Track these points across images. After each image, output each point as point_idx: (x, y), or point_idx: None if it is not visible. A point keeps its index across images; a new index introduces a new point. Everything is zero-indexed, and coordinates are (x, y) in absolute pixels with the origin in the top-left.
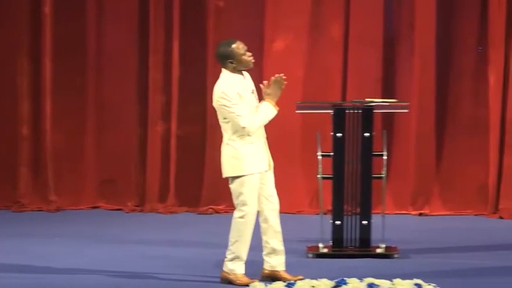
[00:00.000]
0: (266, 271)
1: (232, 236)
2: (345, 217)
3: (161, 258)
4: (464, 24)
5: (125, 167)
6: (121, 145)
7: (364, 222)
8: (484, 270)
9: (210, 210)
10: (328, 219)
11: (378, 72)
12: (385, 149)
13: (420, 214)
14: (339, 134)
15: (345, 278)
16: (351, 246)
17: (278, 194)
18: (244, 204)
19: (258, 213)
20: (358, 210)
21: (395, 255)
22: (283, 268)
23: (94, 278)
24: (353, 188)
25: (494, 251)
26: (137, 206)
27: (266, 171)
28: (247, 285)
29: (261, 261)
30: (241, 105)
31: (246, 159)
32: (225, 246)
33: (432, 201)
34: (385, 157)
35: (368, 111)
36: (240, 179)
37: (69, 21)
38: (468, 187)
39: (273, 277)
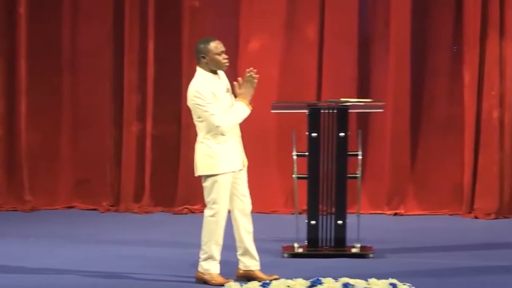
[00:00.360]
0: (241, 271)
1: (204, 236)
2: (320, 217)
3: (137, 258)
4: (439, 24)
5: (100, 167)
6: (96, 145)
7: (339, 222)
8: (459, 270)
9: (186, 210)
10: (304, 219)
11: (353, 72)
12: (360, 149)
13: (395, 214)
14: (314, 134)
15: (320, 278)
16: (326, 246)
17: (253, 193)
18: (215, 203)
19: (230, 213)
20: (333, 210)
21: (371, 255)
22: (258, 268)
23: (69, 278)
24: (328, 188)
25: (469, 251)
26: (112, 205)
27: (240, 170)
28: (223, 285)
29: (236, 261)
30: (215, 104)
31: (220, 158)
32: (200, 246)
33: (407, 201)
34: (360, 157)
35: (343, 111)
36: (213, 177)
37: (44, 21)
38: (443, 187)
39: (248, 277)
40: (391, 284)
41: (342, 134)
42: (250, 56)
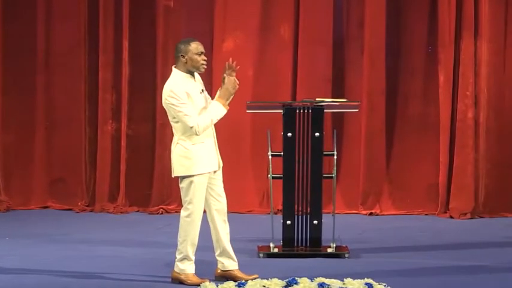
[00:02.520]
0: (219, 271)
1: (180, 236)
2: (296, 217)
3: (112, 258)
4: (414, 24)
5: (74, 167)
6: (71, 145)
7: (315, 221)
8: (434, 270)
9: (161, 210)
10: (279, 219)
11: (327, 72)
12: (335, 149)
13: (370, 214)
14: (289, 134)
15: (296, 278)
16: (301, 246)
17: (228, 193)
18: (190, 203)
19: (206, 213)
20: (309, 209)
21: (346, 255)
22: (237, 267)
23: (43, 277)
24: (304, 188)
25: (445, 250)
26: (87, 205)
27: (215, 171)
28: (198, 285)
29: (213, 261)
30: (189, 104)
31: (196, 159)
32: (175, 246)
33: (382, 201)
34: (335, 157)
35: (318, 110)
36: (189, 178)
37: (18, 20)
38: (418, 187)
39: (227, 277)
40: (366, 283)
41: (317, 134)
42: (225, 55)
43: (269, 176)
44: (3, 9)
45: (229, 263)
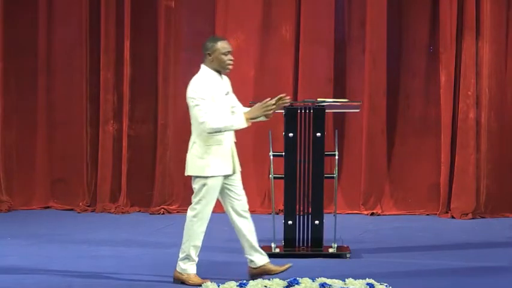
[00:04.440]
0: (253, 269)
1: (184, 235)
2: (297, 217)
3: (113, 258)
4: (415, 25)
5: (76, 167)
6: (72, 145)
7: (316, 222)
8: (436, 270)
9: (162, 210)
10: (280, 219)
11: (329, 72)
12: (336, 149)
13: (372, 214)
14: (290, 134)
15: (297, 278)
16: (303, 246)
17: None
18: (198, 204)
19: (229, 214)
20: (310, 209)
21: (347, 255)
22: (268, 260)
23: (44, 277)
24: (305, 188)
25: (446, 251)
26: (89, 206)
27: (230, 176)
28: (200, 285)
29: (214, 261)
30: (208, 101)
31: (210, 160)
32: (177, 246)
33: (384, 201)
34: (336, 157)
35: (320, 111)
36: (202, 179)
37: (20, 20)
38: (420, 187)
39: (261, 273)
40: (368, 283)
41: (318, 134)
42: None
43: (270, 176)
44: (5, 9)
45: (259, 259)
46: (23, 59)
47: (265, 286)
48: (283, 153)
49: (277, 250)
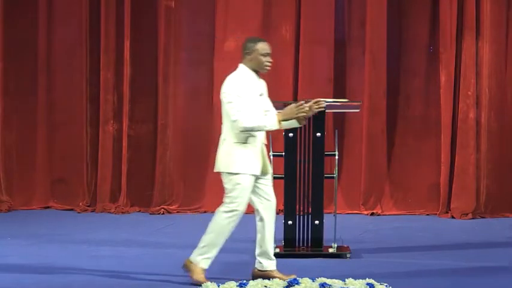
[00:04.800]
0: (257, 271)
1: (210, 227)
2: (297, 217)
3: (113, 258)
4: (415, 25)
5: (76, 167)
6: (72, 145)
7: (316, 222)
8: (436, 270)
9: (162, 210)
10: (280, 219)
11: (329, 72)
12: (336, 149)
13: (372, 214)
14: (290, 134)
15: (297, 278)
16: (303, 246)
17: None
18: (231, 202)
19: (255, 213)
20: (310, 210)
21: (347, 255)
22: (275, 268)
23: (44, 277)
24: (305, 188)
25: (446, 251)
26: (89, 206)
27: (260, 177)
28: (200, 285)
29: (216, 261)
30: (243, 100)
31: (238, 157)
32: (177, 246)
33: (384, 201)
34: (336, 157)
35: (320, 111)
36: (232, 176)
37: (20, 20)
38: (420, 187)
39: (264, 276)
40: (368, 284)
41: (318, 134)
42: (226, 56)
43: None
44: (5, 9)
45: (268, 264)
46: (23, 59)
47: (265, 286)
48: (283, 153)
49: (277, 250)
